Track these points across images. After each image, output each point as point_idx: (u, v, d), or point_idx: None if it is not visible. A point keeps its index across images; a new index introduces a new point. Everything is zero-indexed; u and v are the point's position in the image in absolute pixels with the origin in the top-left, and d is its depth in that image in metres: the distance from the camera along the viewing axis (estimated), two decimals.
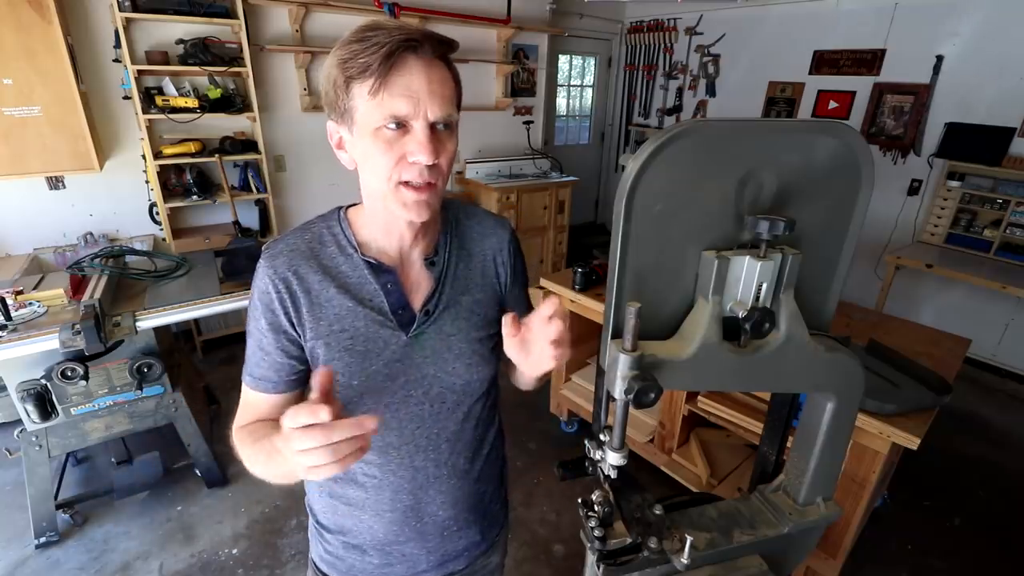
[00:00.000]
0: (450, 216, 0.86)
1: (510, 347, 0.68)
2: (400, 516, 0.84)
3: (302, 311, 0.75)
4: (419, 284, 0.81)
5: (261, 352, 0.77)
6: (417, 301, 0.80)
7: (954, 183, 3.55)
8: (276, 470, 0.67)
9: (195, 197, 3.11)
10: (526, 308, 0.92)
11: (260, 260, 0.77)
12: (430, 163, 0.68)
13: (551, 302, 0.64)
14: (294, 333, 0.76)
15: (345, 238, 0.78)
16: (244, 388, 0.80)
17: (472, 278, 0.84)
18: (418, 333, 0.79)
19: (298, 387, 0.80)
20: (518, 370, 0.78)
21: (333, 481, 0.85)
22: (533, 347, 0.66)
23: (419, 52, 0.66)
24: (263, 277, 0.75)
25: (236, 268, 2.30)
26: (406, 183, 0.70)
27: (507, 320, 0.66)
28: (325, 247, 0.78)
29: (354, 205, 0.82)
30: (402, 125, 0.68)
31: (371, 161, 0.70)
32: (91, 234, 3.04)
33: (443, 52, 0.70)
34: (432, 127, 0.68)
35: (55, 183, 2.90)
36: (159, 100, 2.87)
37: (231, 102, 3.09)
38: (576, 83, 5.87)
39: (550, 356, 0.65)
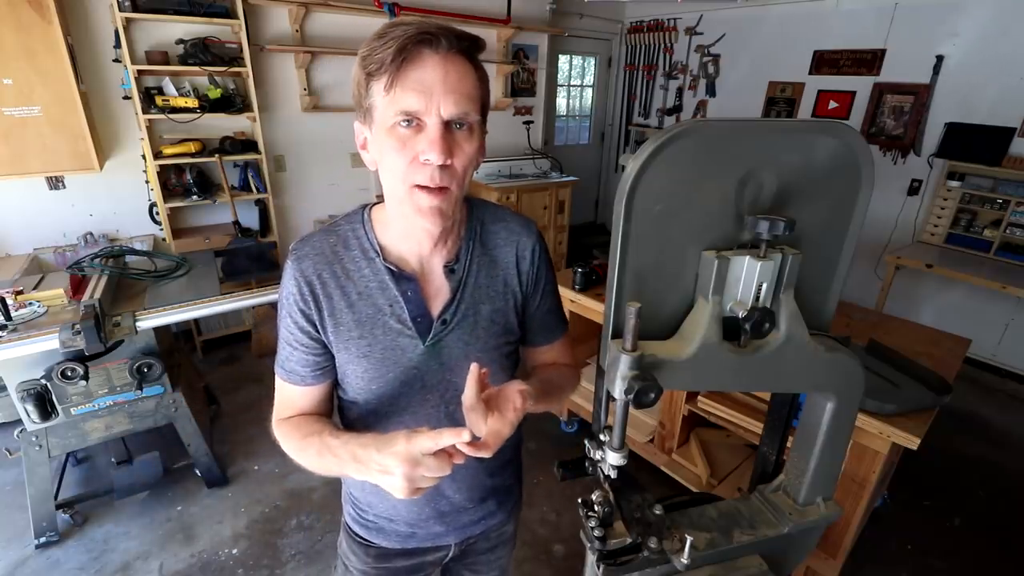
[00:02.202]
0: (475, 220, 0.83)
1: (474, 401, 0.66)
2: (422, 500, 0.88)
3: (324, 315, 0.76)
4: (439, 291, 0.80)
5: (290, 348, 0.79)
6: (436, 309, 0.79)
7: (954, 183, 3.55)
8: (333, 468, 0.70)
9: (195, 197, 3.11)
10: (549, 317, 0.91)
11: (288, 260, 0.77)
12: (441, 163, 0.65)
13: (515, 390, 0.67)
14: (317, 333, 0.77)
15: (368, 242, 0.78)
16: (277, 379, 0.83)
17: (494, 286, 0.83)
18: (435, 341, 0.78)
19: (326, 379, 0.82)
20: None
21: None
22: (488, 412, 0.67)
23: (435, 46, 0.63)
24: (290, 278, 0.76)
25: (236, 268, 2.31)
26: (419, 186, 0.67)
27: (473, 371, 0.65)
28: (349, 251, 0.77)
29: (379, 203, 0.80)
30: (416, 123, 0.65)
31: (386, 161, 0.68)
32: (91, 234, 3.04)
33: (464, 48, 0.66)
34: (447, 125, 0.65)
35: (55, 183, 2.90)
36: (159, 100, 2.87)
37: (231, 102, 3.09)
38: (576, 83, 5.87)
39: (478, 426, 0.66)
